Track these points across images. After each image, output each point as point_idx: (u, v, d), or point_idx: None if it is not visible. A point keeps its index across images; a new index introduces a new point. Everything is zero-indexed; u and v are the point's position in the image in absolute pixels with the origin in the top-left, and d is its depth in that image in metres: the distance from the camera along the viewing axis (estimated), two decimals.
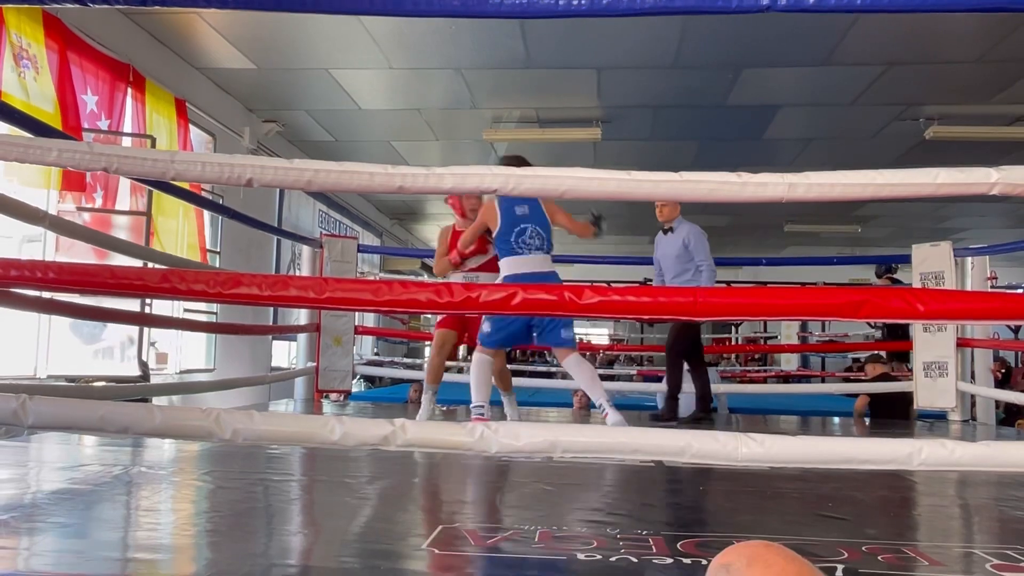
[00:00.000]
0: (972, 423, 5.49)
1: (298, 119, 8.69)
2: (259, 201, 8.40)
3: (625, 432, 1.79)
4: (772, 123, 8.35)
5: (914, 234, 11.73)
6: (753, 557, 0.91)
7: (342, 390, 5.95)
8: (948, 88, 7.26)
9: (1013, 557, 1.77)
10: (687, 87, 7.38)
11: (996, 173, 1.73)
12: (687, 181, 1.79)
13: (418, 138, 9.20)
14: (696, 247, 4.69)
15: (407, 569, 1.65)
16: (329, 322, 5.88)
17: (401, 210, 14.01)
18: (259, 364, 8.18)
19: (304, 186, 1.88)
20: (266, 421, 1.83)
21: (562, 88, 7.51)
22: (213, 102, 7.51)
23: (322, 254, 5.87)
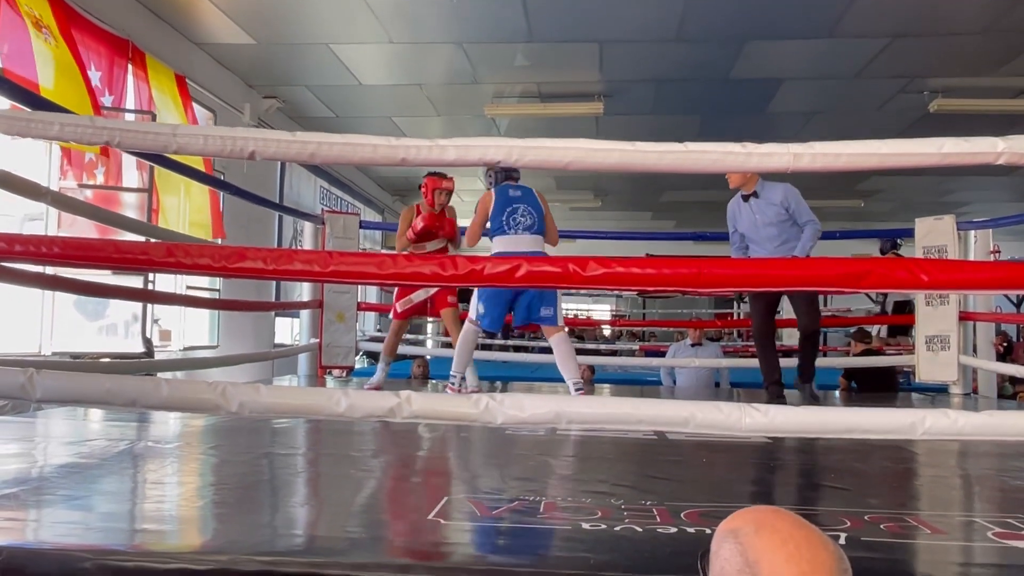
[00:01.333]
0: (973, 396, 5.50)
1: (298, 95, 8.63)
2: (260, 178, 8.37)
3: (630, 403, 1.79)
4: (775, 97, 8.29)
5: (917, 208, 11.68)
6: (761, 523, 0.92)
7: (345, 366, 5.97)
8: (953, 60, 7.20)
9: (1014, 525, 1.79)
10: (690, 60, 7.32)
11: (1002, 143, 1.73)
12: (691, 152, 1.78)
13: (419, 113, 9.15)
14: (799, 207, 4.22)
15: (413, 539, 1.67)
16: (332, 298, 5.88)
17: (403, 187, 13.97)
18: (262, 341, 8.20)
19: (307, 159, 1.88)
20: (272, 394, 1.84)
21: (564, 62, 7.45)
22: (213, 78, 7.46)
23: (324, 230, 5.87)
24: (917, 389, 6.01)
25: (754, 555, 0.88)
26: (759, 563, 0.88)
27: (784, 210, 4.22)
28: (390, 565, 1.42)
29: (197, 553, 1.50)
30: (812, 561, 0.86)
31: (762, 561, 0.87)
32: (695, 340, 6.43)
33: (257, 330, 8.14)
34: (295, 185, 9.81)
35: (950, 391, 5.43)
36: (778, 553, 0.87)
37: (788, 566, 0.86)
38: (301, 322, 6.41)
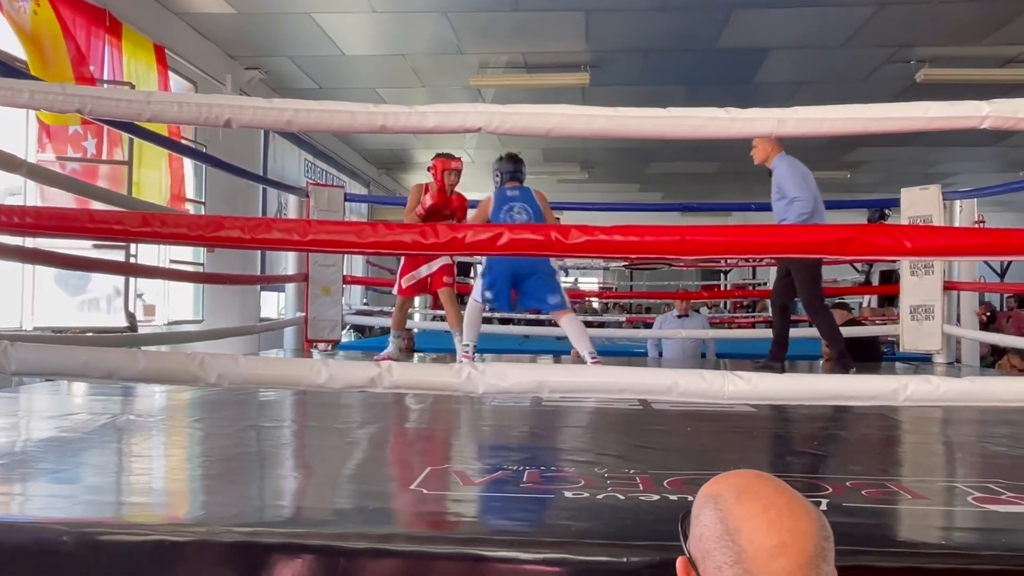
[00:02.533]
0: (957, 365, 5.54)
1: (281, 66, 8.52)
2: (244, 150, 8.28)
3: (613, 371, 1.79)
4: (762, 67, 8.25)
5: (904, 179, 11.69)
6: (742, 488, 0.90)
7: (331, 340, 5.94)
8: (939, 29, 7.17)
9: (994, 490, 1.79)
10: (676, 30, 7.26)
11: (987, 106, 1.71)
12: (675, 117, 1.76)
13: (404, 84, 9.05)
14: (785, 182, 4.23)
15: (396, 509, 1.66)
16: (317, 272, 5.84)
17: (388, 159, 13.86)
18: (248, 315, 8.15)
19: (284, 126, 1.84)
20: (252, 365, 1.82)
21: (549, 32, 7.37)
22: (193, 49, 7.35)
23: (308, 203, 5.81)
24: (901, 359, 6.04)
25: (734, 522, 0.87)
26: (739, 531, 0.86)
27: (778, 187, 4.23)
28: (370, 535, 1.41)
29: (176, 525, 1.48)
30: (793, 529, 0.85)
31: (743, 529, 0.86)
32: (681, 311, 6.43)
33: (242, 304, 8.10)
34: (279, 158, 9.72)
35: (934, 360, 5.46)
36: (759, 520, 0.86)
37: (769, 534, 0.85)
38: (287, 296, 6.38)
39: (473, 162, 13.29)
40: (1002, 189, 5.91)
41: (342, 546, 1.40)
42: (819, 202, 4.32)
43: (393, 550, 1.40)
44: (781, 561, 0.84)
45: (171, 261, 6.36)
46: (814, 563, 0.84)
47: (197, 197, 7.46)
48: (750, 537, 0.85)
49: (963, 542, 1.48)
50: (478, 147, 11.86)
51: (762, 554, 0.84)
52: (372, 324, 9.25)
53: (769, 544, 0.84)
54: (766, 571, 0.83)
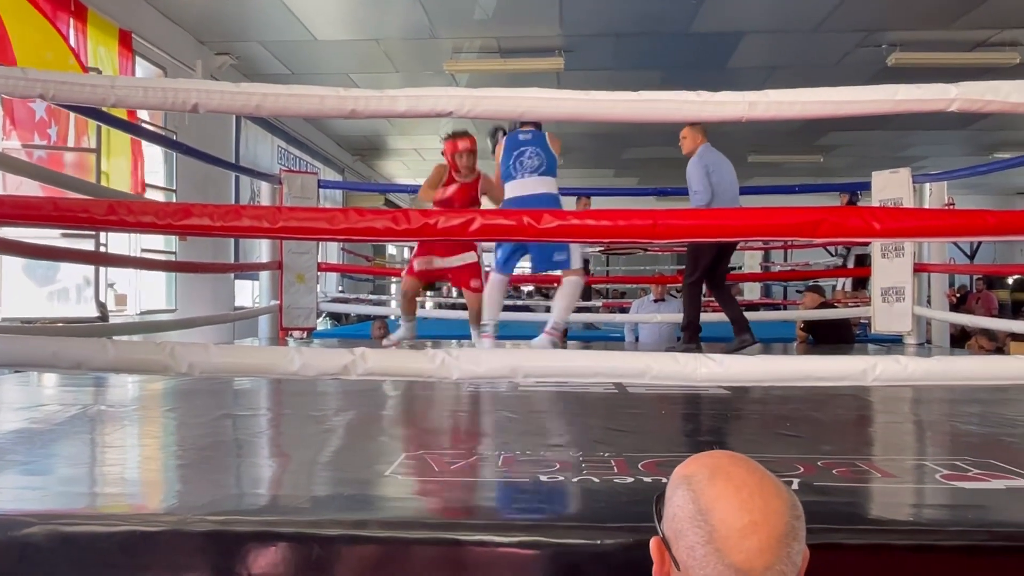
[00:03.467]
0: (927, 346, 5.62)
1: (252, 51, 8.41)
2: (215, 137, 8.18)
3: (587, 355, 1.79)
4: (736, 51, 8.27)
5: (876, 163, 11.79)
6: (715, 469, 0.91)
7: (306, 327, 5.91)
8: (909, 13, 7.23)
9: (961, 467, 1.82)
10: (650, 14, 7.25)
11: (955, 89, 1.73)
12: (647, 101, 1.76)
13: (377, 70, 8.98)
14: (690, 177, 4.49)
15: (370, 496, 1.66)
16: (291, 259, 5.79)
17: (363, 146, 13.76)
18: (222, 303, 8.09)
19: (253, 111, 1.82)
20: (223, 353, 1.80)
21: (523, 16, 7.34)
22: (162, 33, 7.23)
23: (281, 190, 5.75)
24: (873, 340, 6.12)
25: (707, 502, 0.88)
26: (711, 511, 0.87)
27: (687, 178, 4.48)
28: (344, 521, 1.40)
29: (147, 515, 1.47)
30: (764, 509, 0.86)
31: (715, 509, 0.87)
32: (657, 296, 6.46)
33: (216, 293, 8.03)
34: (251, 145, 9.61)
35: (904, 341, 5.53)
36: (731, 501, 0.87)
37: (740, 514, 0.86)
38: (261, 284, 6.32)
39: None
40: (971, 172, 5.99)
41: (316, 533, 1.39)
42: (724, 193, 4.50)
43: (367, 536, 1.39)
44: (752, 540, 0.84)
45: (142, 250, 6.28)
46: (784, 542, 0.85)
47: (168, 185, 7.36)
48: (722, 517, 0.86)
49: (930, 519, 1.50)
50: None
51: (733, 533, 0.85)
52: (348, 311, 9.22)
53: (740, 523, 0.85)
54: (737, 550, 0.84)
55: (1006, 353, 5.90)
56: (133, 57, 6.49)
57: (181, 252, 7.04)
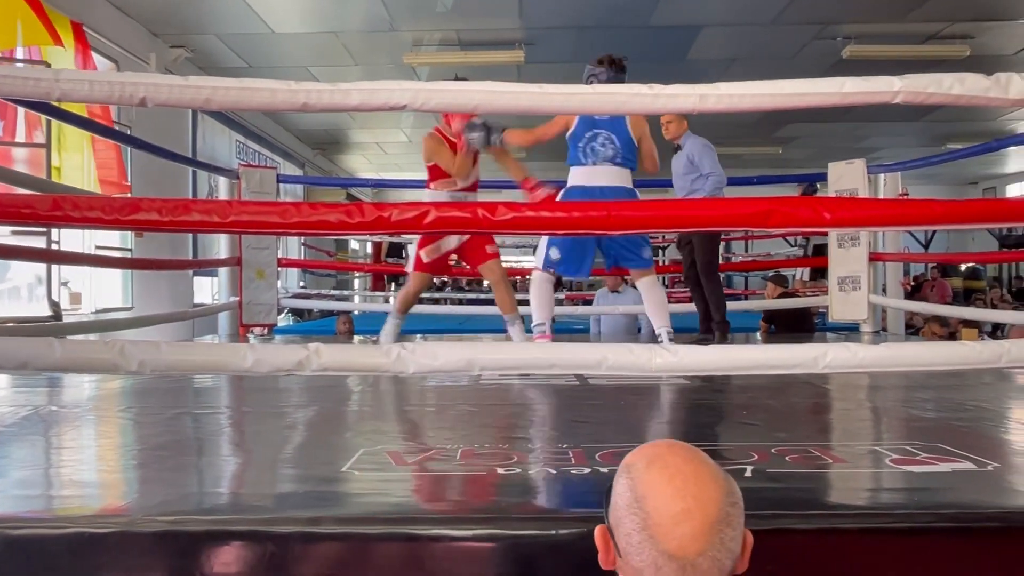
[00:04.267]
0: (883, 334, 5.73)
1: (208, 44, 8.28)
2: (171, 131, 8.04)
3: (542, 348, 1.80)
4: (695, 44, 8.34)
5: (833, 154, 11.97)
6: (653, 457, 0.92)
7: (267, 324, 5.84)
8: (863, 7, 7.34)
9: (910, 451, 1.87)
10: (609, 7, 7.28)
11: (899, 82, 1.76)
12: (599, 94, 1.77)
13: (337, 63, 8.89)
14: (702, 159, 4.46)
15: (326, 492, 1.64)
16: (251, 255, 5.71)
17: (323, 139, 13.63)
18: (180, 301, 7.96)
19: (202, 104, 1.79)
20: (175, 351, 1.78)
21: (483, 8, 7.32)
22: (114, 26, 7.07)
23: (239, 185, 5.68)
24: (831, 329, 6.22)
25: (642, 489, 0.89)
26: (646, 498, 0.88)
27: (690, 162, 4.43)
28: (298, 519, 1.39)
29: (96, 517, 1.44)
30: (698, 495, 0.87)
31: (649, 496, 0.88)
32: (611, 287, 6.48)
33: (174, 290, 7.90)
34: (208, 139, 9.46)
35: (861, 329, 5.63)
36: (665, 488, 0.88)
37: (673, 500, 0.87)
38: (219, 280, 6.23)
39: (411, 141, 13.16)
40: (923, 163, 6.10)
41: (269, 531, 1.38)
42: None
43: (322, 533, 1.38)
44: (685, 527, 0.86)
45: (97, 247, 6.15)
46: (717, 528, 0.87)
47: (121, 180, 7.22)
48: (655, 504, 0.87)
49: (878, 502, 1.54)
50: (414, 126, 11.75)
51: (666, 520, 0.86)
52: (311, 307, 9.14)
53: (673, 510, 0.86)
54: (670, 536, 0.86)
55: (958, 339, 6.04)
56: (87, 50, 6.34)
57: (137, 249, 6.91)
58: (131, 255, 6.87)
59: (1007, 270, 14.49)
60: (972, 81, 1.77)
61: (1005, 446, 2.05)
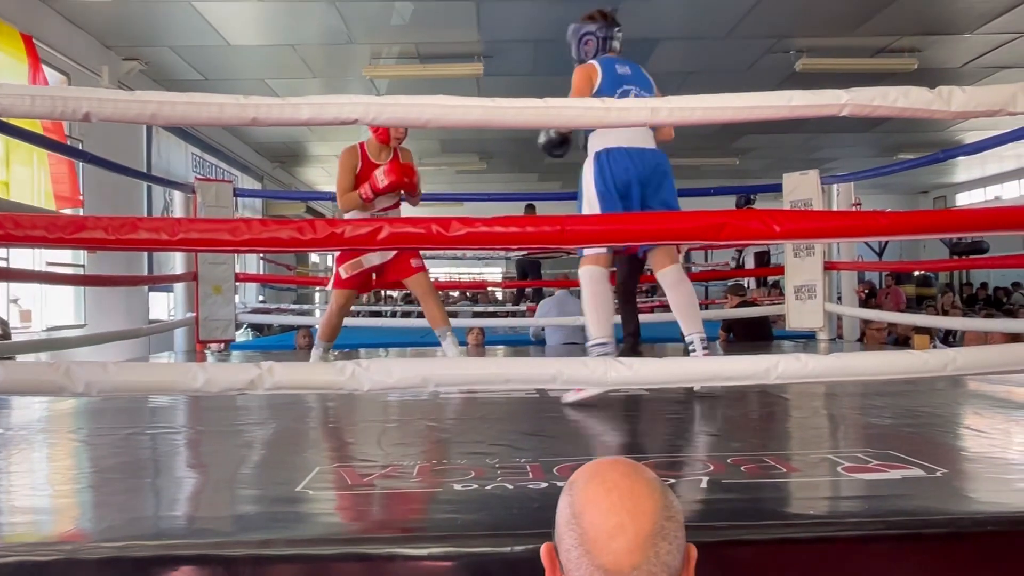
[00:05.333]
0: (839, 341, 5.83)
1: (162, 56, 8.17)
2: (125, 145, 7.91)
3: (497, 363, 1.79)
4: (651, 57, 8.43)
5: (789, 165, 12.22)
6: (592, 474, 0.94)
7: (224, 340, 5.75)
8: (815, 21, 7.50)
9: (862, 459, 1.89)
10: (567, 19, 7.24)
11: (846, 95, 1.79)
12: (552, 108, 1.77)
13: (295, 75, 8.83)
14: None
15: (279, 513, 1.61)
16: (207, 270, 5.63)
17: (282, 152, 13.51)
18: (136, 317, 7.81)
19: (149, 119, 1.76)
20: (122, 372, 1.74)
21: (441, 21, 7.33)
22: (65, 39, 6.95)
23: (195, 199, 5.59)
24: (788, 336, 6.31)
25: (579, 506, 0.90)
26: (583, 514, 0.90)
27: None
28: (248, 541, 1.37)
29: (38, 544, 1.40)
30: (632, 510, 0.88)
31: (585, 512, 0.90)
32: None
33: (129, 306, 7.76)
34: (164, 153, 9.32)
35: (817, 337, 5.72)
36: (600, 503, 0.89)
37: (609, 516, 0.88)
38: (175, 296, 6.13)
39: None
40: (875, 173, 6.24)
41: (219, 554, 1.35)
42: None
43: (273, 555, 1.36)
44: (619, 541, 0.87)
45: (48, 263, 6.02)
46: (651, 542, 0.87)
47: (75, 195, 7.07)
48: (591, 519, 0.89)
49: (830, 511, 1.55)
50: None
51: (601, 535, 0.87)
52: (270, 322, 9.03)
53: (608, 525, 0.88)
54: (605, 551, 0.87)
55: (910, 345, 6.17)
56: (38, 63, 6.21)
57: (90, 264, 6.78)
58: (84, 271, 6.73)
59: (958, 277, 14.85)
60: (916, 95, 1.81)
61: (954, 452, 2.09)
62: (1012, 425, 2.44)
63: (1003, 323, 4.56)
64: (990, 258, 9.11)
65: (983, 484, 1.77)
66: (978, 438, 2.30)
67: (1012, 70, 8.94)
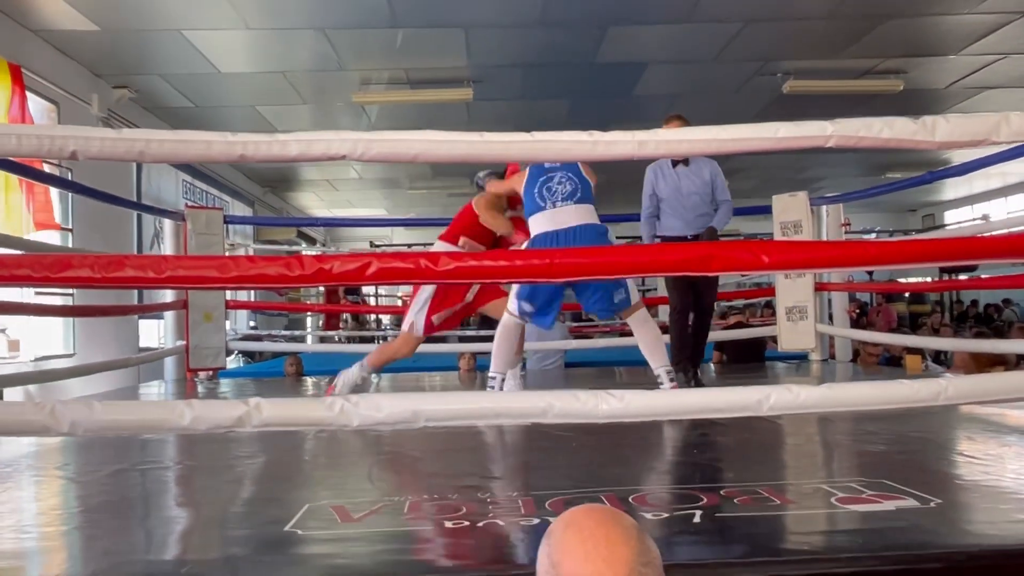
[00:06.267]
0: (831, 362, 5.83)
1: (153, 84, 8.17)
2: (114, 173, 7.88)
3: (488, 397, 1.78)
4: (640, 80, 8.49)
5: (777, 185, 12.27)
6: (568, 522, 0.94)
7: (215, 367, 5.71)
8: (802, 43, 7.56)
9: (856, 489, 1.88)
10: (555, 45, 7.38)
11: (831, 126, 1.80)
12: (539, 142, 1.77)
13: (285, 102, 8.84)
14: (722, 185, 4.25)
15: (265, 555, 1.59)
16: (197, 298, 5.60)
17: (273, 178, 13.51)
18: (126, 345, 7.75)
19: (136, 157, 1.75)
20: (108, 411, 1.71)
21: (430, 48, 7.36)
22: (54, 67, 6.94)
23: (185, 227, 5.58)
24: (781, 357, 6.31)
25: (557, 555, 0.91)
26: (561, 563, 0.90)
27: (710, 186, 4.23)
28: None
29: None
30: (608, 558, 0.88)
31: (563, 562, 0.90)
32: None
33: (119, 334, 7.70)
34: (154, 180, 9.30)
35: (809, 358, 5.73)
36: (576, 552, 0.90)
37: (585, 564, 0.88)
38: (166, 324, 6.09)
39: (361, 178, 13.13)
40: (863, 195, 6.27)
41: None
42: None
43: None
44: None
45: (36, 293, 5.97)
46: None
47: (64, 224, 7.04)
48: (569, 569, 0.89)
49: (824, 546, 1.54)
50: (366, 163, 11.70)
51: None
52: (261, 349, 8.98)
53: (584, 574, 0.88)
54: None
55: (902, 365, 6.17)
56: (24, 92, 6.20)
57: (80, 294, 6.72)
58: (73, 300, 6.68)
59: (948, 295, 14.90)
60: (900, 125, 1.82)
61: (947, 480, 2.08)
62: (1005, 450, 2.43)
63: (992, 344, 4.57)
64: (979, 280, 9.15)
65: (977, 515, 1.76)
66: (971, 465, 2.30)
67: (996, 90, 9.02)
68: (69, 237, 7.02)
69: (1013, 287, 10.01)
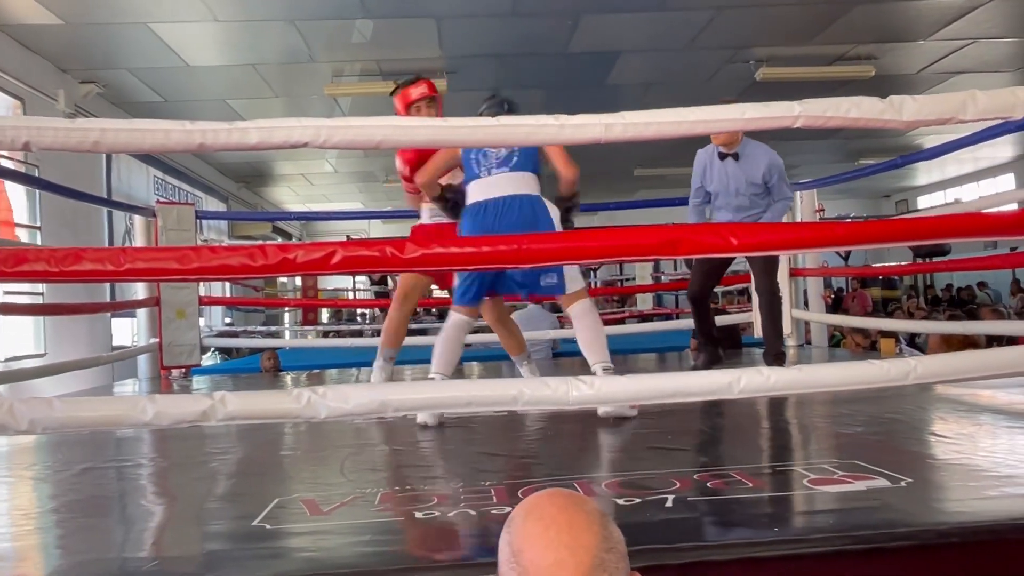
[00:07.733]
0: (807, 347, 5.86)
1: (121, 79, 8.06)
2: (83, 169, 7.77)
3: (456, 385, 1.76)
4: (614, 69, 8.49)
5: None
6: (529, 509, 0.91)
7: (189, 364, 5.64)
8: (774, 30, 7.59)
9: (828, 470, 1.89)
10: (528, 35, 7.36)
11: (798, 107, 1.79)
12: (505, 126, 1.75)
13: (256, 95, 8.76)
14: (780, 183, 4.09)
15: (234, 550, 1.56)
16: (170, 294, 5.52)
17: (247, 173, 13.39)
18: (98, 344, 7.66)
19: (91, 147, 1.71)
20: (68, 408, 1.67)
21: (402, 38, 7.32)
22: (18, 63, 6.82)
23: (156, 223, 5.50)
24: (757, 344, 6.33)
25: (518, 544, 0.88)
26: (522, 552, 0.87)
27: (764, 182, 4.10)
28: None
29: None
30: (571, 545, 0.86)
31: (524, 550, 0.87)
32: None
33: (92, 333, 7.60)
34: (124, 175, 9.18)
35: (786, 343, 5.74)
36: (538, 540, 0.87)
37: (547, 552, 0.86)
38: (138, 321, 6.01)
39: (336, 171, 13.04)
40: (836, 180, 6.29)
41: None
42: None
43: None
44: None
45: (4, 292, 5.87)
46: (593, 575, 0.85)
47: (32, 221, 6.93)
48: (531, 557, 0.86)
49: (796, 527, 1.54)
50: (340, 156, 11.64)
51: (541, 571, 0.85)
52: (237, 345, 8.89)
53: (546, 562, 0.85)
54: None
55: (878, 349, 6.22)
56: None
57: (49, 292, 6.63)
58: (43, 298, 6.58)
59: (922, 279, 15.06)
60: (868, 105, 1.81)
61: (918, 459, 2.09)
62: (976, 430, 2.45)
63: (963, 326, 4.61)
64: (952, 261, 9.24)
65: (948, 493, 1.77)
66: (943, 444, 2.31)
67: (967, 75, 9.11)
68: (38, 235, 6.91)
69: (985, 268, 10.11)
